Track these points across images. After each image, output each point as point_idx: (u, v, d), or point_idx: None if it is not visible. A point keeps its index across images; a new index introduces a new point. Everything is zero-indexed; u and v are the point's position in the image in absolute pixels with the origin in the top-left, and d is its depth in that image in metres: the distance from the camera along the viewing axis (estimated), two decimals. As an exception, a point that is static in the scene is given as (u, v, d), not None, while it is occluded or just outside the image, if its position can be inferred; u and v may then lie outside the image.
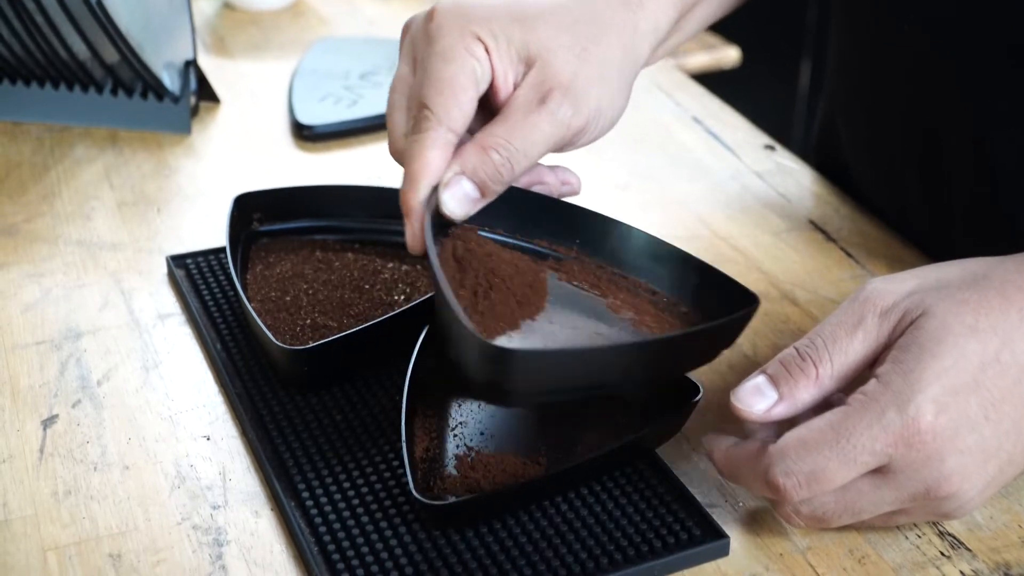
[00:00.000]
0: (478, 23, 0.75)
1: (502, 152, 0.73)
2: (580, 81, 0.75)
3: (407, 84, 0.77)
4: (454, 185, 0.72)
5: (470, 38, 0.74)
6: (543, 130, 0.74)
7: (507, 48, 0.75)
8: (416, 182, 0.72)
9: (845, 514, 0.67)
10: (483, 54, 0.75)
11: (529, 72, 0.75)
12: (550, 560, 0.67)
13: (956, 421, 0.64)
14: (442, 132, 0.73)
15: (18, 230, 1.00)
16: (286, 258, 0.91)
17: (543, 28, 0.76)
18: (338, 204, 0.94)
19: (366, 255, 0.91)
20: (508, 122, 0.74)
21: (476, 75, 0.74)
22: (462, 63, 0.74)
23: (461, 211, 0.73)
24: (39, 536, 0.71)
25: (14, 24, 1.08)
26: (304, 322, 0.83)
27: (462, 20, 0.75)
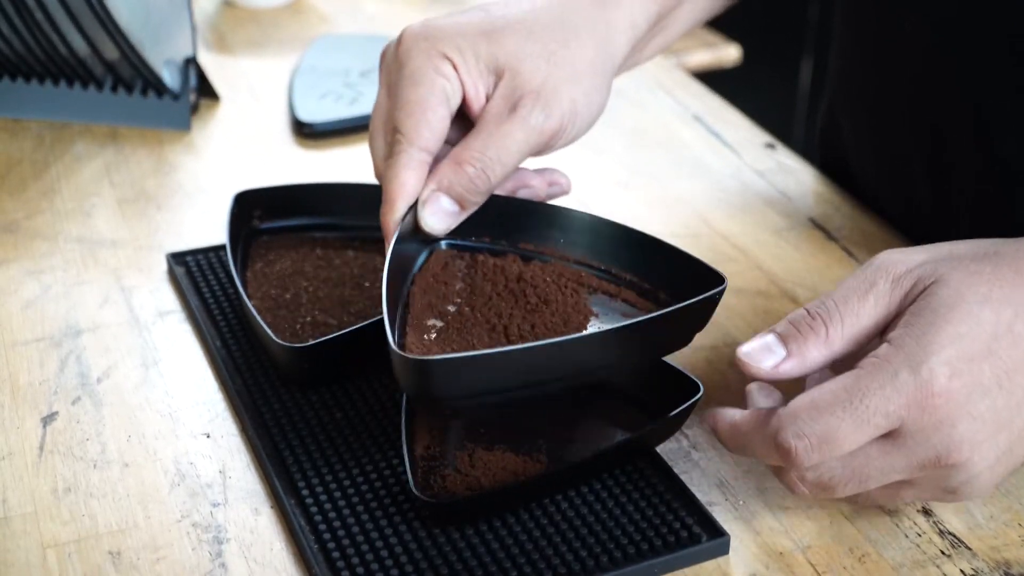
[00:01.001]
0: (444, 42, 0.77)
1: (476, 164, 0.75)
2: (550, 85, 0.77)
3: (384, 109, 0.79)
4: (432, 202, 0.75)
5: (437, 58, 0.77)
6: (516, 137, 0.76)
7: (475, 62, 0.77)
8: (392, 203, 0.75)
9: (852, 482, 0.66)
10: (451, 72, 0.77)
11: (499, 83, 0.78)
12: (550, 558, 0.67)
13: (969, 386, 0.64)
14: (414, 152, 0.75)
15: (18, 227, 1.00)
16: (286, 255, 0.90)
17: (510, 38, 0.78)
18: (338, 202, 0.94)
19: (366, 253, 0.91)
20: (481, 134, 0.76)
21: (446, 93, 0.76)
22: (431, 84, 0.76)
23: (441, 226, 0.76)
24: (39, 533, 0.71)
25: (14, 21, 1.07)
26: (304, 320, 0.83)
27: (429, 41, 0.77)
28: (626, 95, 1.25)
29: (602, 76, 0.81)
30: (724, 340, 0.87)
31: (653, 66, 1.31)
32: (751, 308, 0.90)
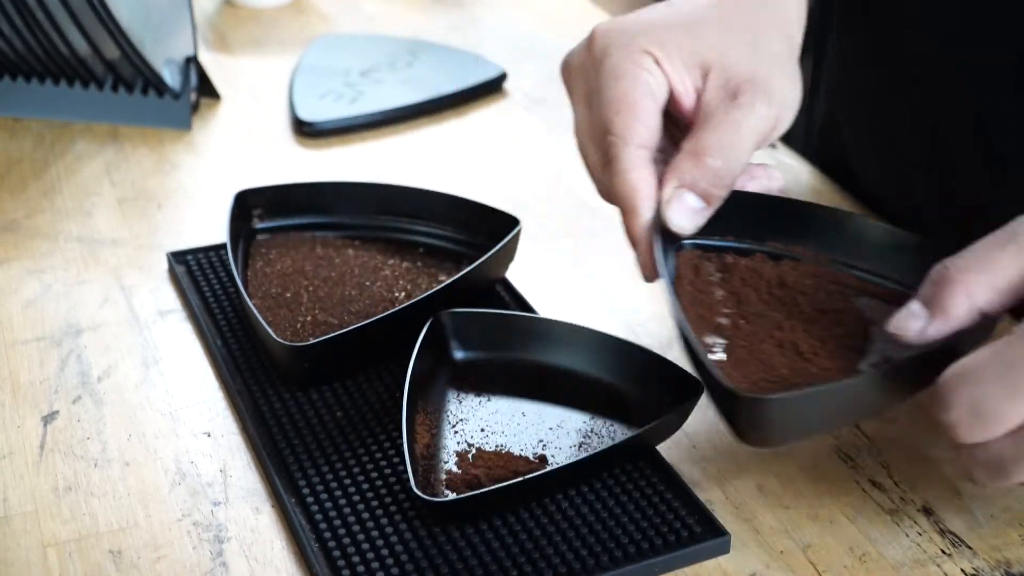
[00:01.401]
0: (643, 36, 0.73)
1: (717, 156, 0.71)
2: (761, 75, 0.73)
3: (587, 119, 0.75)
4: (677, 200, 0.71)
5: (638, 53, 0.73)
6: (747, 125, 0.72)
7: (678, 56, 0.73)
8: (634, 209, 0.71)
9: (1021, 459, 0.61)
10: (654, 66, 0.73)
11: (709, 76, 0.74)
12: (550, 557, 0.67)
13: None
14: (632, 151, 0.71)
15: (19, 226, 1.00)
16: (287, 255, 0.90)
17: (708, 31, 0.75)
18: (339, 200, 0.94)
19: (367, 252, 0.91)
20: (710, 125, 0.72)
21: (651, 87, 0.72)
22: (634, 78, 0.72)
23: (691, 225, 0.71)
24: (39, 532, 0.71)
25: (15, 20, 1.07)
26: (305, 319, 0.83)
27: (626, 36, 0.73)
28: (626, 94, 1.25)
29: (794, 68, 0.77)
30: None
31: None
32: (751, 307, 0.90)
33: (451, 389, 0.78)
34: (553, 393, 0.78)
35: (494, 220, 0.90)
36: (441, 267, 0.90)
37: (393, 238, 0.93)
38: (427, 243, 0.92)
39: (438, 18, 1.41)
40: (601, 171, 0.73)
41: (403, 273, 0.89)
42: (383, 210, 0.93)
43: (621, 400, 0.77)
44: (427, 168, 1.11)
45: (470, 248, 0.91)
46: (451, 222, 0.92)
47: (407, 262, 0.90)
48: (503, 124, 1.19)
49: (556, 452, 0.73)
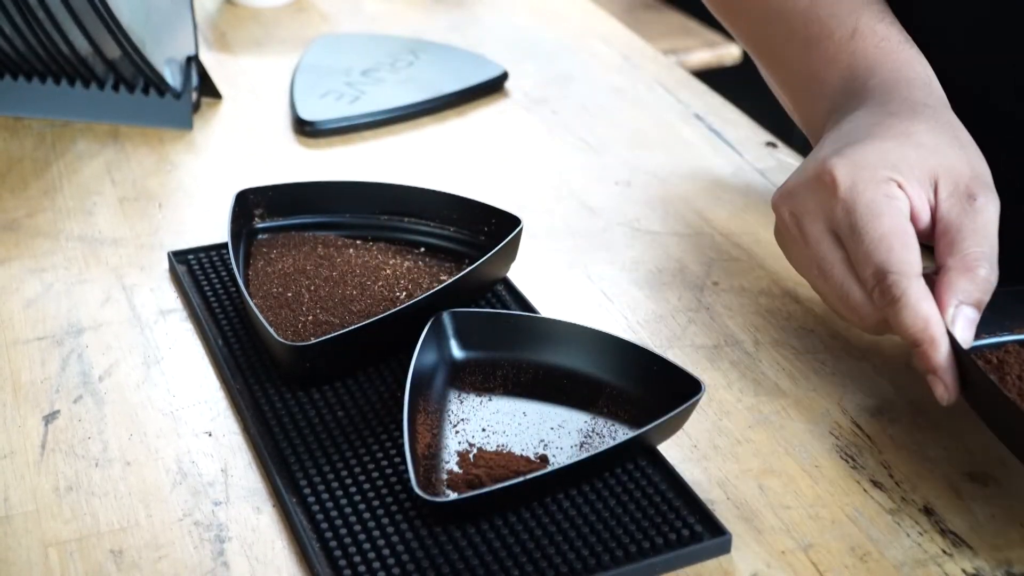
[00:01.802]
0: (881, 166, 0.76)
1: (984, 265, 0.74)
2: (976, 166, 0.77)
3: (840, 258, 0.77)
4: (961, 318, 0.73)
5: (885, 183, 0.75)
6: (993, 224, 0.75)
7: (912, 175, 0.76)
8: (932, 340, 0.72)
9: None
10: (899, 192, 0.75)
11: (938, 185, 0.76)
12: (551, 557, 0.67)
13: None
14: (916, 284, 0.73)
15: (20, 225, 1.00)
16: (288, 254, 0.90)
17: (923, 138, 0.78)
18: (340, 200, 0.94)
19: (368, 251, 0.91)
20: (964, 233, 0.74)
21: (906, 216, 0.75)
22: (892, 211, 0.74)
23: (971, 336, 0.74)
24: (40, 532, 0.71)
25: (16, 19, 1.07)
26: (306, 318, 0.83)
27: (868, 170, 0.76)
28: (626, 93, 1.25)
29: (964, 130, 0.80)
30: (726, 339, 0.87)
31: (654, 65, 1.31)
32: (753, 307, 0.90)
33: (452, 389, 0.78)
34: (554, 393, 0.78)
35: (495, 219, 0.90)
36: (442, 267, 0.90)
37: (394, 238, 0.93)
38: (428, 243, 0.92)
39: (439, 18, 1.41)
40: (879, 307, 0.74)
41: (404, 273, 0.89)
42: (384, 210, 0.93)
43: (622, 400, 0.77)
44: (428, 167, 1.11)
45: (471, 248, 0.91)
46: (452, 222, 0.92)
47: (408, 262, 0.90)
48: (504, 123, 1.19)
49: (557, 452, 0.73)
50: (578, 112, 1.20)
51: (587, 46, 1.36)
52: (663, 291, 0.92)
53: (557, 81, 1.27)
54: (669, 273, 0.94)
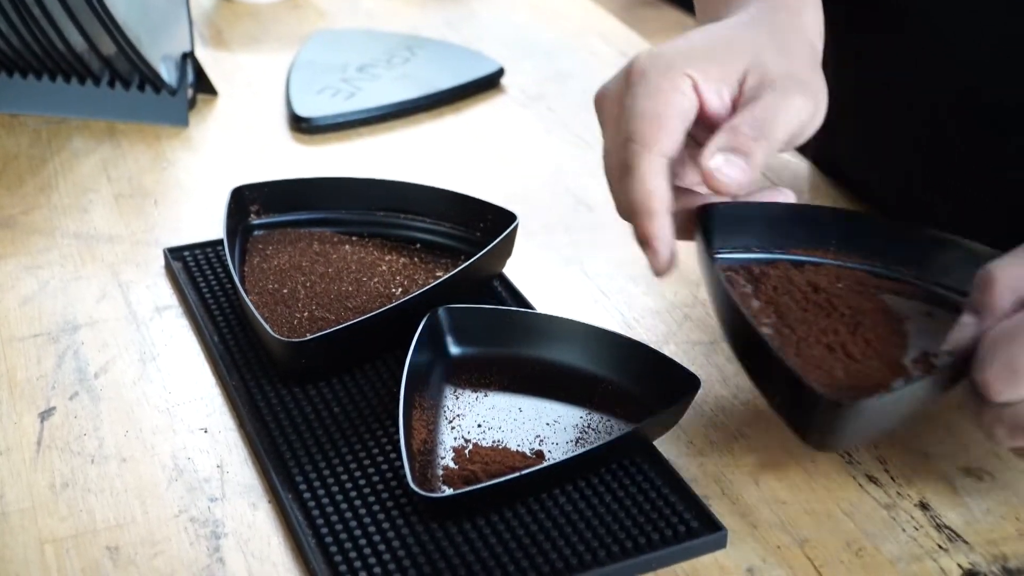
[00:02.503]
0: (682, 60, 0.73)
1: (750, 125, 0.71)
2: (796, 71, 0.75)
3: (613, 140, 0.74)
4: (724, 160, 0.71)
5: (676, 76, 0.73)
6: (781, 107, 0.72)
7: (716, 74, 0.74)
8: (648, 211, 0.71)
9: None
10: (690, 89, 0.73)
11: (746, 80, 0.74)
12: (547, 553, 0.67)
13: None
14: (653, 158, 0.71)
15: (15, 222, 1.00)
16: (284, 250, 0.90)
17: (740, 44, 0.76)
18: (336, 196, 0.94)
19: (364, 248, 0.91)
20: (747, 107, 0.73)
21: (683, 108, 0.72)
22: (667, 98, 0.72)
23: (740, 176, 0.71)
24: (36, 529, 0.71)
25: (11, 16, 1.07)
26: (302, 315, 0.83)
27: (663, 60, 0.74)
28: (623, 90, 1.25)
29: (821, 74, 0.78)
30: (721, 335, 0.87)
31: (650, 61, 1.31)
32: (748, 302, 0.90)
33: (448, 385, 0.78)
34: (550, 389, 0.78)
35: (491, 216, 0.90)
36: (438, 263, 0.90)
37: (390, 234, 0.93)
38: (424, 239, 0.92)
39: (435, 14, 1.41)
40: (619, 182, 0.73)
41: (400, 269, 0.89)
42: (380, 206, 0.93)
43: (618, 395, 0.77)
44: (424, 164, 1.11)
45: (467, 244, 0.91)
46: (448, 218, 0.92)
47: (404, 258, 0.90)
48: (500, 120, 1.19)
49: (553, 448, 0.73)
50: (575, 109, 1.20)
51: (585, 43, 1.36)
52: (659, 287, 0.92)
53: (554, 78, 1.27)
54: (665, 269, 0.94)
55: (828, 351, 0.73)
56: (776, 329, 0.74)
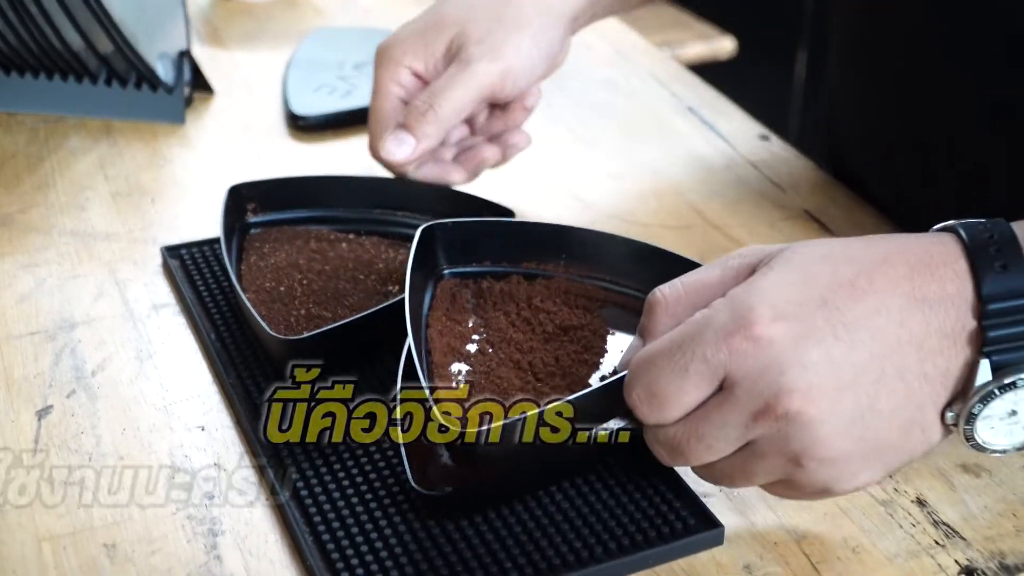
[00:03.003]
0: (398, 49, 0.91)
1: (422, 99, 0.87)
2: (495, 36, 0.88)
3: None
4: (391, 134, 0.89)
5: (393, 67, 0.90)
6: (459, 79, 0.87)
7: (427, 52, 0.90)
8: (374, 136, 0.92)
9: (692, 439, 0.63)
10: (407, 76, 0.91)
11: (450, 49, 0.90)
12: (545, 550, 0.67)
13: (797, 332, 0.61)
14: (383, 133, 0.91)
15: (12, 220, 1.00)
16: (280, 248, 0.90)
17: (452, 18, 0.91)
18: (333, 194, 0.94)
19: (361, 245, 0.91)
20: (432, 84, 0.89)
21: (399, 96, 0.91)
22: (386, 94, 0.91)
23: (400, 152, 0.89)
24: (34, 526, 0.71)
25: (8, 15, 1.07)
26: (299, 312, 0.83)
27: (386, 53, 0.91)
28: (619, 87, 1.25)
29: (549, 23, 0.90)
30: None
31: (647, 58, 1.31)
32: (745, 299, 0.90)
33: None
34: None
35: (488, 212, 0.90)
36: None
37: (387, 231, 0.93)
38: None
39: (432, 11, 1.41)
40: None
41: (397, 267, 0.89)
42: (377, 203, 0.93)
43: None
44: (421, 161, 1.10)
45: None
46: (445, 215, 0.92)
47: (401, 255, 0.90)
48: (497, 117, 1.19)
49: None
50: (571, 105, 1.20)
51: (580, 39, 1.35)
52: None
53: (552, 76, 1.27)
54: (662, 266, 0.94)
55: (517, 370, 0.75)
56: (480, 347, 0.77)
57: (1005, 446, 0.66)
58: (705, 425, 0.63)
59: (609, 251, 0.82)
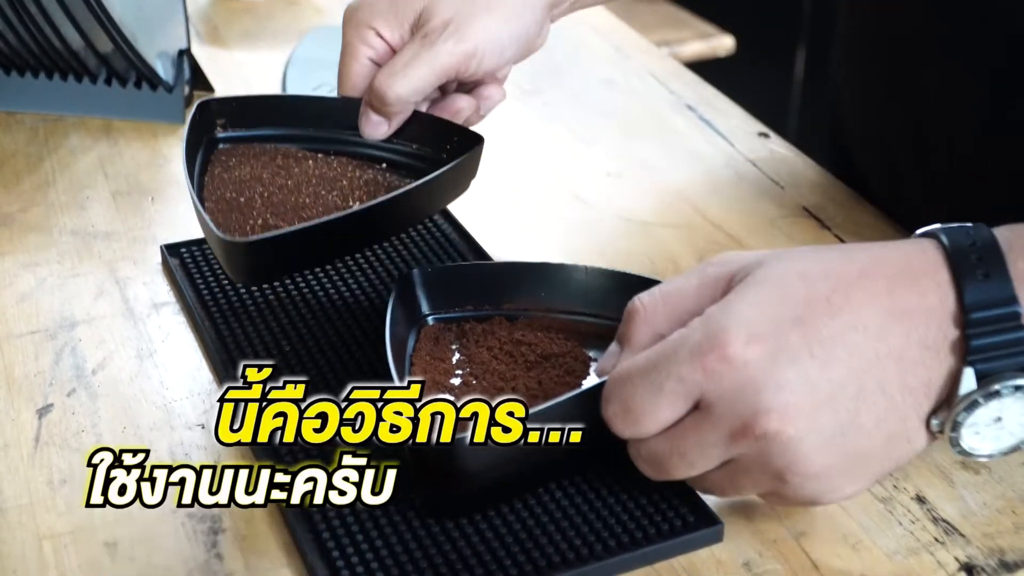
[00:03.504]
0: (367, 12, 0.89)
1: (380, 79, 0.87)
2: (463, 15, 0.87)
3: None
4: (363, 115, 0.89)
5: (364, 29, 0.89)
6: (423, 57, 0.86)
7: (396, 20, 0.89)
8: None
9: (674, 456, 0.64)
10: (375, 39, 0.89)
11: (417, 23, 0.89)
12: (544, 547, 0.67)
13: (772, 351, 0.61)
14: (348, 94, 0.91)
15: (13, 220, 1.00)
16: (246, 163, 0.90)
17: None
18: (304, 114, 0.93)
19: (328, 164, 0.90)
20: (392, 58, 0.88)
21: (370, 59, 0.89)
22: (354, 53, 0.89)
23: (372, 132, 0.90)
24: (35, 525, 0.71)
25: (8, 14, 1.07)
26: (255, 222, 0.82)
27: (356, 16, 0.90)
28: (618, 85, 1.25)
29: (524, 3, 0.90)
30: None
31: (646, 56, 1.31)
32: (745, 297, 0.90)
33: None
34: None
35: (458, 137, 0.89)
36: (403, 181, 0.89)
37: (356, 152, 0.92)
38: (390, 158, 0.91)
39: (431, 10, 1.41)
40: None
41: (362, 185, 0.88)
42: (349, 125, 0.92)
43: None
44: (421, 160, 1.10)
45: (433, 165, 0.88)
46: (415, 139, 0.91)
47: (367, 175, 0.89)
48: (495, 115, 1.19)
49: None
50: (570, 103, 1.20)
51: (579, 37, 1.36)
52: (655, 282, 0.92)
53: (549, 72, 1.27)
54: (661, 264, 0.94)
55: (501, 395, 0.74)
56: (464, 379, 0.77)
57: (991, 451, 0.66)
58: (684, 443, 0.64)
59: (587, 283, 0.82)
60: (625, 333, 0.67)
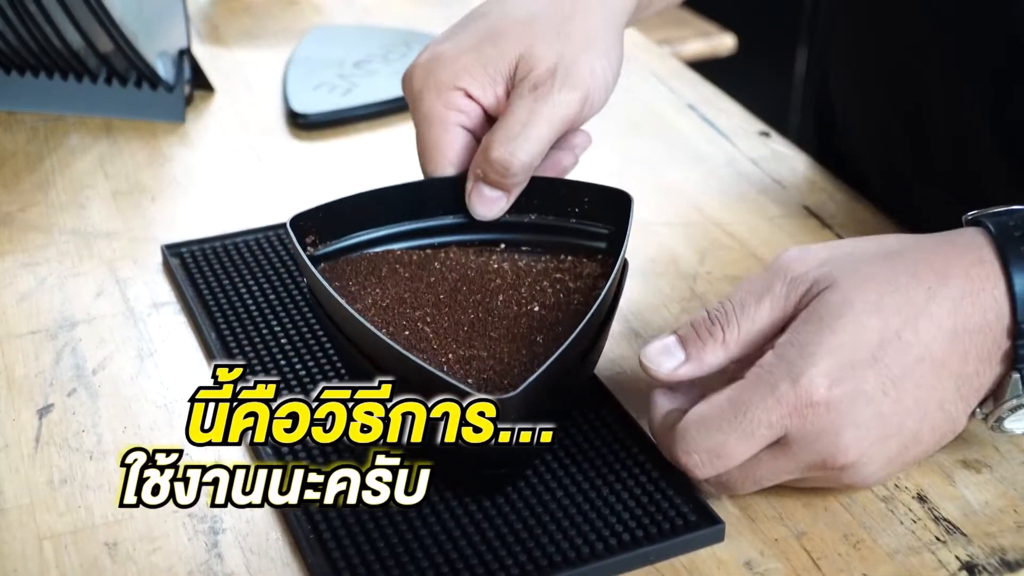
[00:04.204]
0: (450, 71, 0.78)
1: (498, 147, 0.75)
2: (567, 59, 0.77)
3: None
4: (475, 192, 0.78)
5: (448, 92, 0.78)
6: (541, 114, 0.76)
7: (484, 74, 0.78)
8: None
9: (747, 481, 0.68)
10: (464, 101, 0.78)
11: (516, 74, 0.78)
12: (545, 546, 0.67)
13: (851, 394, 0.65)
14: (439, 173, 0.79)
15: (13, 219, 1.00)
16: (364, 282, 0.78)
17: (514, 30, 0.79)
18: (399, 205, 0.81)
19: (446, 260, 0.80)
20: (505, 119, 0.76)
21: (461, 124, 0.79)
22: (443, 122, 0.78)
23: (490, 212, 0.78)
24: (35, 525, 0.71)
25: (8, 14, 1.07)
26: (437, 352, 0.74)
27: (434, 76, 0.79)
28: (620, 84, 1.25)
29: (614, 33, 0.82)
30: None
31: (647, 55, 1.31)
32: (746, 296, 0.90)
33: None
34: None
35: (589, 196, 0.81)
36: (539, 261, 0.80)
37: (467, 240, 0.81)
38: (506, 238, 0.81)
39: (432, 9, 1.41)
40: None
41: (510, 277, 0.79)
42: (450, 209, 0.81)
43: None
44: (421, 159, 1.10)
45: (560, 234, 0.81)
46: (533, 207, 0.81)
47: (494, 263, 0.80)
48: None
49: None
50: (571, 103, 1.20)
51: (580, 37, 1.35)
52: (656, 281, 0.92)
53: (550, 72, 1.27)
54: (662, 263, 0.94)
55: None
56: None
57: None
58: (758, 471, 0.68)
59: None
60: (694, 350, 0.69)
